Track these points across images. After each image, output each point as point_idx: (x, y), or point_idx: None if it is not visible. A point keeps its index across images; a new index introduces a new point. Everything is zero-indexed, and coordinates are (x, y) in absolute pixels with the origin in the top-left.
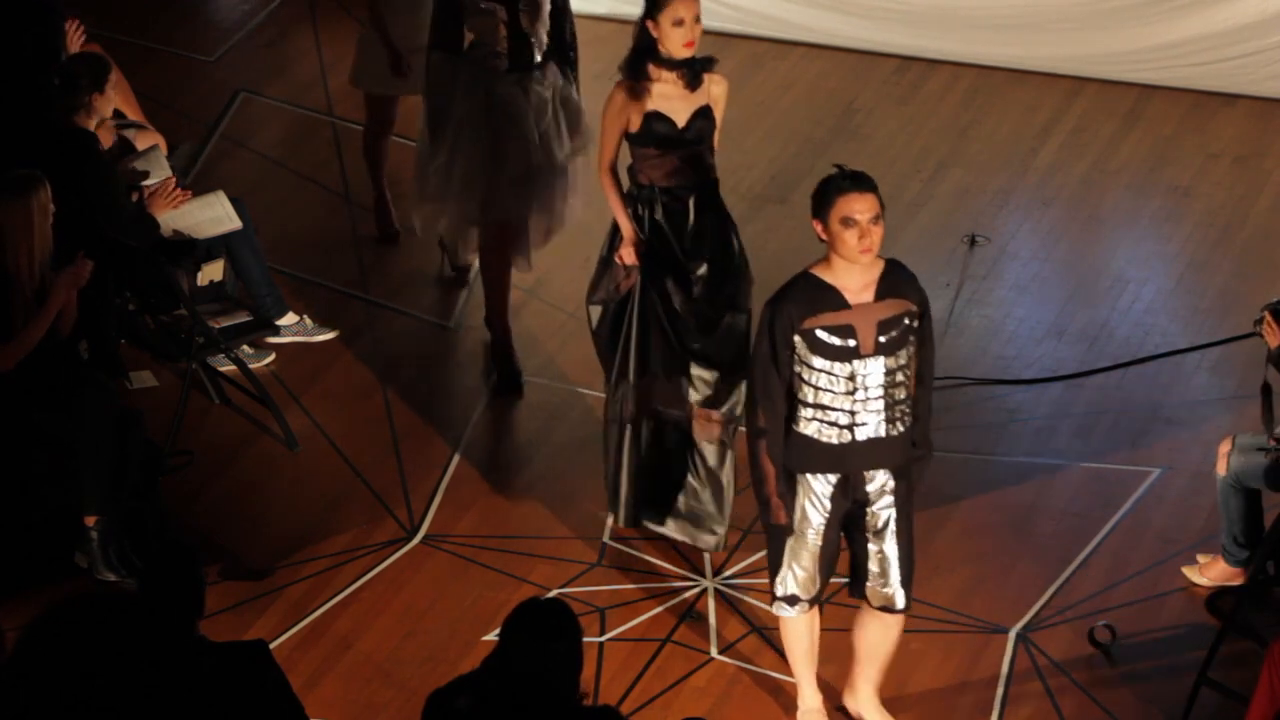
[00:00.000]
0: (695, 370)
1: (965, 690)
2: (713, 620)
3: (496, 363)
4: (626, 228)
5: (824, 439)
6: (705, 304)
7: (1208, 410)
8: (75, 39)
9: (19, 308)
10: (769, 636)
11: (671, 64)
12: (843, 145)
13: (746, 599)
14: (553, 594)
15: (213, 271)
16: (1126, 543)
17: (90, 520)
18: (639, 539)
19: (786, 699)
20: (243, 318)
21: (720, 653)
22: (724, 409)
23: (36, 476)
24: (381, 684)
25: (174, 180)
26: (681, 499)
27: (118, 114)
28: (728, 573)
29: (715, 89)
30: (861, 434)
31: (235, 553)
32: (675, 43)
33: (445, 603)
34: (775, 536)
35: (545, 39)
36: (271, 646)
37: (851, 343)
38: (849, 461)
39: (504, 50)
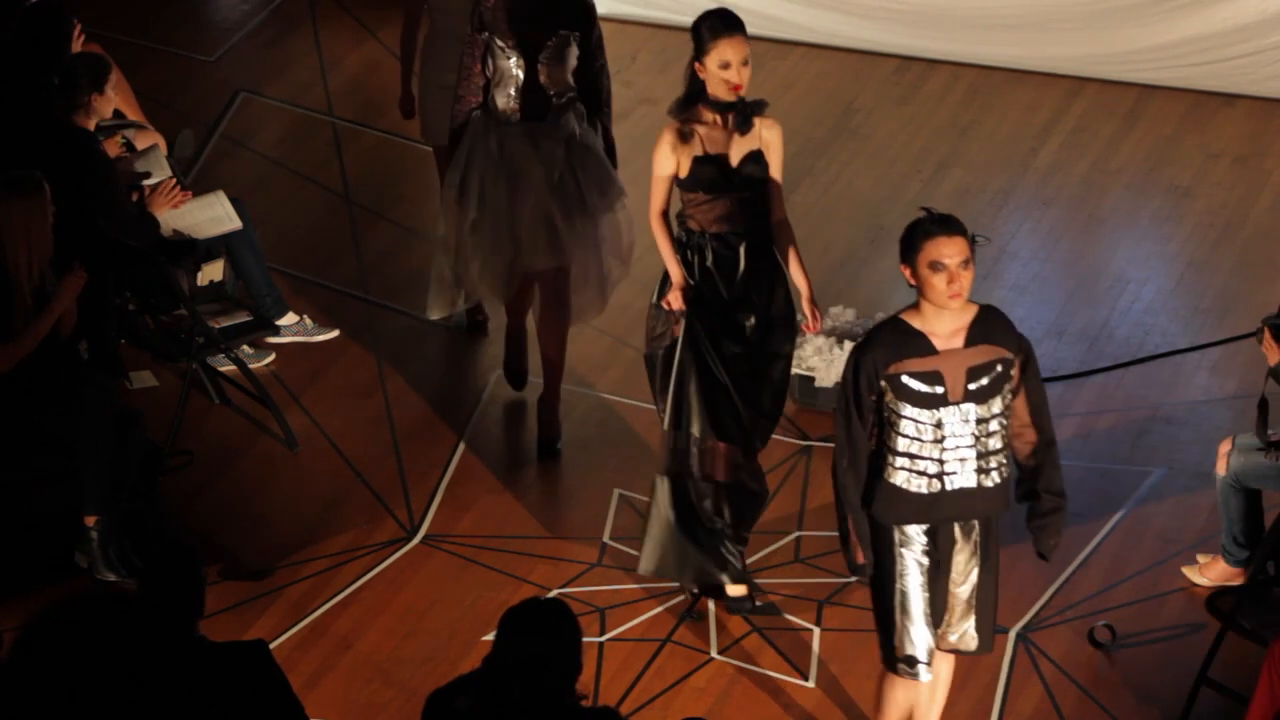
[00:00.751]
0: (739, 416)
1: (965, 690)
2: (713, 620)
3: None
4: (676, 273)
5: (913, 488)
6: (753, 351)
7: (1208, 410)
8: (76, 40)
9: (19, 308)
10: (769, 636)
11: (719, 106)
12: (843, 145)
13: None
14: (553, 594)
15: (213, 271)
16: (1126, 543)
17: (90, 520)
18: (639, 539)
19: (786, 699)
20: (243, 318)
21: (720, 653)
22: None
23: (36, 476)
24: (381, 684)
25: (174, 180)
26: (709, 549)
27: (118, 114)
28: None
29: (767, 133)
30: (951, 483)
31: (235, 553)
32: (722, 86)
33: (445, 603)
34: (881, 595)
35: (565, 93)
36: (271, 646)
37: (939, 389)
38: (938, 511)
39: (517, 102)
